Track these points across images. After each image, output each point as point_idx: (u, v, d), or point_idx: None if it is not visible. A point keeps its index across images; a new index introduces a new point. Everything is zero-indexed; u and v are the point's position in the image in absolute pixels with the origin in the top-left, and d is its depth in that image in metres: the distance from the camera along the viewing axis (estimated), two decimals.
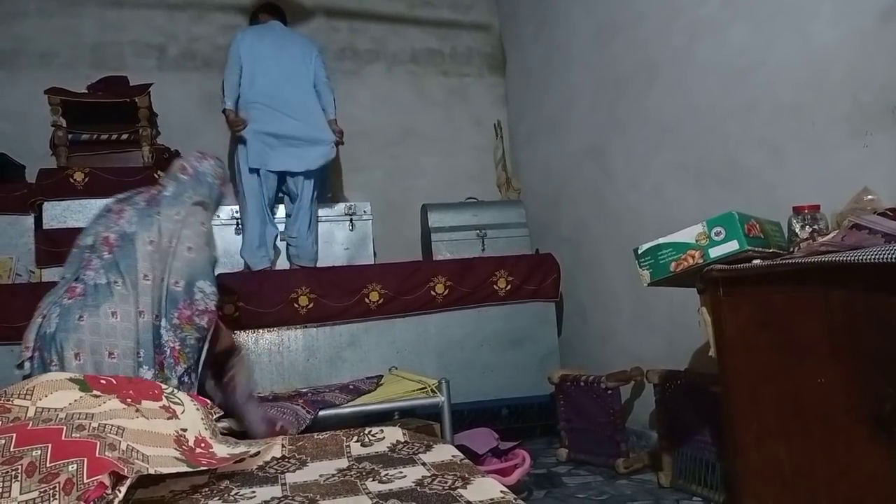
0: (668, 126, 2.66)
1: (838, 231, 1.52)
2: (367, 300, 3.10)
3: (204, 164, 2.21)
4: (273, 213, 3.46)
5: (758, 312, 1.63)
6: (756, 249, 1.68)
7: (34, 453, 1.15)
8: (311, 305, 3.04)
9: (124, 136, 3.44)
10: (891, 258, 1.22)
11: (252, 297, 2.99)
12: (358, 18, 4.29)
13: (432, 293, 3.17)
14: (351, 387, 2.37)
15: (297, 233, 3.44)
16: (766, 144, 2.16)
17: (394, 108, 4.27)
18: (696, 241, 1.75)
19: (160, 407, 1.51)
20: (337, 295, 3.08)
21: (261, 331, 3.00)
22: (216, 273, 2.09)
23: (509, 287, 3.27)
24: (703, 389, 2.18)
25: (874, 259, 1.26)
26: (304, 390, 2.46)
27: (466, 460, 1.51)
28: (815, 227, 1.68)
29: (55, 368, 1.71)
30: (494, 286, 3.26)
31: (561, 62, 3.56)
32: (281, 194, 3.53)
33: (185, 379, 1.87)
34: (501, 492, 1.26)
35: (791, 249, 1.71)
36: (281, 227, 3.50)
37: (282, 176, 3.43)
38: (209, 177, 2.21)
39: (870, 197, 1.62)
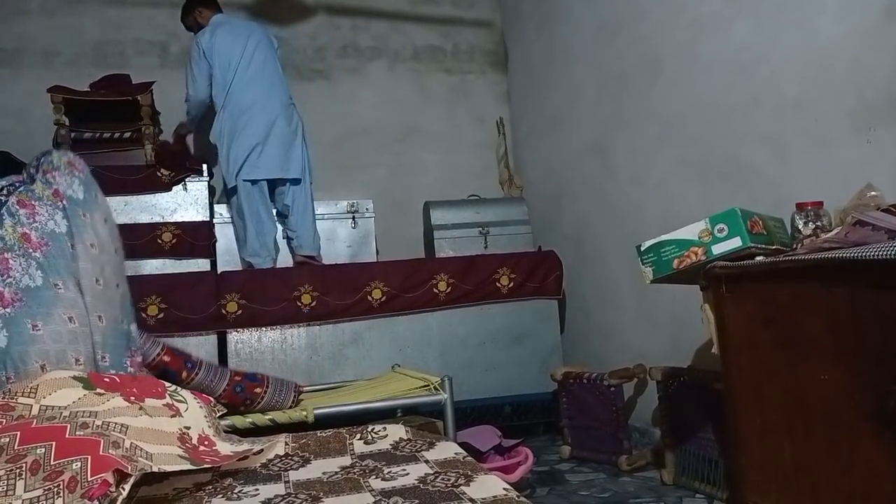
0: (672, 122, 2.65)
1: (841, 228, 1.51)
2: (369, 298, 3.10)
3: (83, 164, 1.96)
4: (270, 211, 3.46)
5: (761, 309, 1.63)
6: (759, 246, 1.67)
7: (38, 451, 1.16)
8: (313, 303, 3.04)
9: (127, 135, 3.43)
10: (894, 255, 1.22)
11: (255, 296, 3.00)
12: (360, 16, 4.29)
13: (435, 291, 3.17)
14: None
15: (297, 226, 3.44)
16: (770, 140, 2.15)
17: (396, 105, 4.26)
18: (699, 237, 1.75)
19: (164, 405, 1.52)
20: (339, 293, 3.08)
21: (263, 329, 3.01)
22: None
23: (512, 284, 3.26)
24: (705, 386, 2.18)
25: (877, 256, 1.26)
26: None
27: (469, 458, 1.51)
28: (819, 223, 1.68)
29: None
30: (497, 284, 3.25)
31: (563, 59, 3.55)
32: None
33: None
34: (504, 489, 1.26)
35: (794, 246, 1.70)
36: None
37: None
38: (89, 173, 1.97)
39: (873, 193, 1.61)
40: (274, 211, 3.46)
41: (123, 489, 1.13)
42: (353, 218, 3.69)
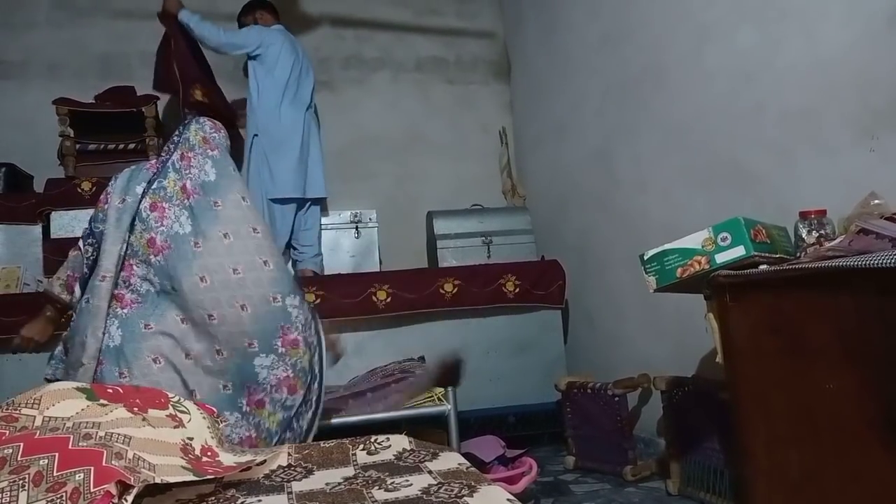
0: (676, 130, 2.65)
1: (845, 236, 1.51)
2: (373, 307, 3.10)
3: (221, 135, 2.01)
4: None
5: (765, 318, 1.62)
6: (762, 255, 1.67)
7: (41, 462, 1.16)
8: None
9: (131, 146, 3.46)
10: None
11: None
12: (364, 27, 4.31)
13: (438, 300, 3.17)
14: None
15: (310, 241, 3.49)
16: (774, 148, 2.15)
17: (400, 115, 4.28)
18: (703, 246, 1.74)
19: (167, 415, 1.51)
20: (342, 302, 3.08)
21: None
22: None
23: (515, 294, 3.26)
24: (710, 396, 2.17)
25: (882, 264, 1.25)
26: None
27: (473, 468, 1.50)
28: (822, 231, 1.67)
29: (126, 381, 1.67)
30: (500, 293, 3.25)
31: (566, 68, 3.56)
32: None
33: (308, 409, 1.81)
34: (508, 500, 1.25)
35: (798, 255, 1.70)
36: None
37: None
38: (227, 150, 2.00)
39: (877, 201, 1.61)
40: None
41: (126, 500, 1.13)
42: (357, 228, 3.70)
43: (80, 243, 1.93)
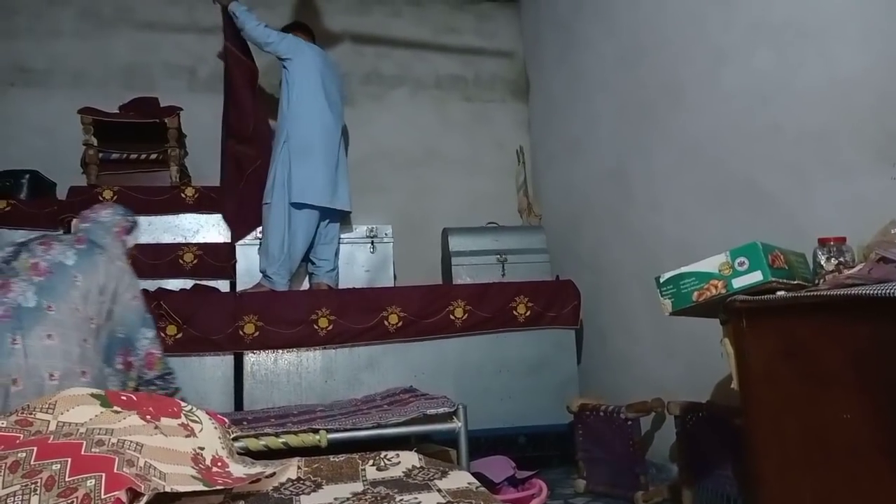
0: (692, 149, 2.65)
1: (864, 264, 1.49)
2: (386, 323, 3.10)
3: (102, 213, 2.19)
4: None
5: (782, 344, 1.60)
6: (780, 281, 1.65)
7: (54, 467, 1.17)
8: (330, 327, 3.05)
9: (153, 156, 3.51)
10: None
11: (272, 318, 3.01)
12: (383, 44, 4.36)
13: (451, 317, 3.17)
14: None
15: (327, 255, 3.50)
16: (791, 170, 2.14)
17: (417, 131, 4.31)
18: (719, 270, 1.73)
19: (179, 424, 1.52)
20: (356, 317, 3.09)
21: (280, 351, 3.02)
22: None
23: (529, 313, 3.25)
24: (725, 422, 2.14)
25: None
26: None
27: (482, 488, 1.49)
28: (841, 259, 1.65)
29: None
30: (514, 312, 3.24)
31: (584, 87, 3.58)
32: None
33: None
34: None
35: (816, 282, 1.68)
36: None
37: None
38: (111, 226, 2.16)
39: None
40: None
41: None
42: (372, 242, 3.71)
43: None
